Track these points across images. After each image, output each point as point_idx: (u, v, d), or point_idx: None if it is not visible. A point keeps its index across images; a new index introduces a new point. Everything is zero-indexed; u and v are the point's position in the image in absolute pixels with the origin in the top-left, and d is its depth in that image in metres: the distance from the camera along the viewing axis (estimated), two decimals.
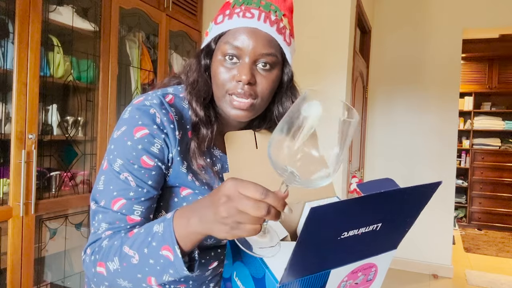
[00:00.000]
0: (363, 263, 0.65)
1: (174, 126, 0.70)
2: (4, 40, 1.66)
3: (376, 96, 3.82)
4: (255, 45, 0.70)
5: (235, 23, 0.71)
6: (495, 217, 5.39)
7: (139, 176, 0.68)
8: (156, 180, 0.70)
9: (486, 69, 5.46)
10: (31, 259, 1.75)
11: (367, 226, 0.58)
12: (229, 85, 0.71)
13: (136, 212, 0.68)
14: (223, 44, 0.71)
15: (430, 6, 3.64)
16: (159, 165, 0.70)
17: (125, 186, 0.67)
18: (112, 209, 0.67)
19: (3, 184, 1.68)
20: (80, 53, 2.05)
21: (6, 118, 1.70)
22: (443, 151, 3.62)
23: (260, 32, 0.70)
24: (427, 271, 3.63)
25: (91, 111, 2.10)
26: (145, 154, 0.68)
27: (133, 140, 0.68)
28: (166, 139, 0.70)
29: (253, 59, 0.70)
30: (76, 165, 2.08)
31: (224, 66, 0.71)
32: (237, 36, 0.70)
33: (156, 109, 0.70)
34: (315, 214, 0.50)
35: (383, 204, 0.57)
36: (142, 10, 2.34)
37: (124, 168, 0.68)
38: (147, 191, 0.68)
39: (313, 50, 2.70)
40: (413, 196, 0.61)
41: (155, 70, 2.52)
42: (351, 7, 2.65)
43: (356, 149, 3.31)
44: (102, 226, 0.67)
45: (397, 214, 0.61)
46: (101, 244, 0.66)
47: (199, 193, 0.74)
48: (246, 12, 0.70)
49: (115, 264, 0.63)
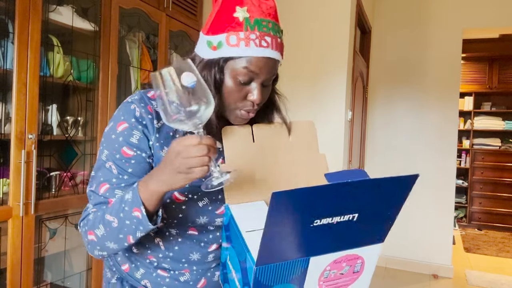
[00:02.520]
0: (346, 253, 0.68)
1: (153, 116, 0.80)
2: (4, 40, 1.66)
3: (376, 96, 3.81)
4: (269, 70, 0.79)
5: (253, 51, 0.76)
6: (495, 217, 5.39)
7: (120, 165, 0.79)
8: (137, 168, 0.79)
9: (486, 69, 5.45)
10: (31, 259, 1.75)
11: (341, 215, 0.60)
12: (241, 103, 0.80)
13: (117, 196, 0.78)
14: (240, 68, 0.77)
15: (430, 6, 3.63)
16: (139, 154, 0.79)
17: (109, 173, 0.79)
18: (98, 193, 0.79)
19: (3, 184, 1.68)
20: (80, 53, 2.05)
21: (6, 118, 1.70)
22: (443, 151, 3.62)
23: (273, 59, 0.79)
24: (427, 271, 3.63)
25: (91, 111, 2.10)
26: (125, 145, 0.79)
27: (116, 134, 0.79)
28: (145, 129, 0.79)
29: (264, 81, 0.80)
30: (76, 165, 2.08)
31: (238, 85, 0.79)
32: (255, 63, 0.77)
33: (135, 104, 0.80)
34: (277, 198, 0.53)
35: (355, 194, 0.59)
36: (142, 10, 2.34)
37: (109, 158, 0.79)
38: (127, 178, 0.79)
39: (313, 50, 2.70)
40: (388, 188, 0.62)
41: (155, 70, 2.51)
42: (351, 7, 2.65)
43: (356, 149, 3.31)
44: (90, 207, 0.80)
45: (374, 205, 0.63)
46: (89, 217, 0.79)
47: None
48: (261, 41, 0.77)
49: (101, 230, 0.76)
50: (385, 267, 3.74)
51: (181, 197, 0.81)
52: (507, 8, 3.44)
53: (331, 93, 2.67)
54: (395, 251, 3.74)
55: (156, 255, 0.85)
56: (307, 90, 2.69)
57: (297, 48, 2.73)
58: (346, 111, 2.71)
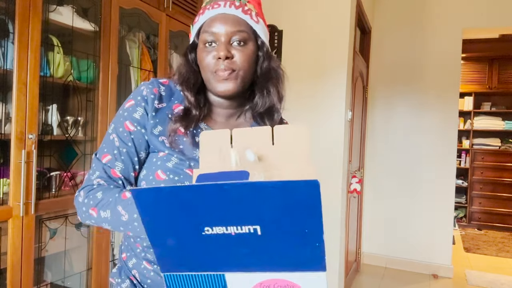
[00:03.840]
0: (273, 277, 0.60)
1: (155, 96, 0.87)
2: (4, 40, 1.66)
3: (376, 96, 3.82)
4: (226, 26, 0.83)
5: (206, 15, 0.86)
6: (495, 217, 5.39)
7: (122, 138, 0.86)
8: (136, 143, 0.86)
9: (486, 69, 5.46)
10: (31, 259, 1.75)
11: (236, 225, 0.55)
12: (212, 64, 0.84)
13: (117, 167, 0.85)
14: (202, 34, 0.86)
15: (430, 6, 3.64)
16: (139, 130, 0.86)
17: (112, 144, 0.87)
18: (102, 161, 0.86)
19: (3, 184, 1.68)
20: (80, 53, 2.05)
21: (6, 118, 1.70)
22: (443, 151, 3.62)
23: (228, 15, 0.84)
24: (427, 271, 3.63)
25: (91, 111, 2.10)
26: (129, 119, 0.87)
27: (123, 109, 0.89)
28: (146, 106, 0.87)
29: (227, 38, 0.83)
30: (76, 165, 2.08)
31: (206, 52, 0.85)
32: (210, 23, 0.84)
33: (145, 86, 0.89)
34: (139, 197, 0.51)
35: (239, 200, 0.53)
36: (142, 10, 2.34)
37: (113, 130, 0.88)
38: (126, 151, 0.86)
39: (313, 50, 2.70)
40: (281, 197, 0.54)
41: (155, 70, 2.52)
42: (351, 7, 2.65)
43: (356, 149, 3.31)
44: (95, 173, 0.86)
45: (276, 217, 0.55)
46: (95, 194, 0.82)
47: (170, 154, 0.85)
48: (214, 5, 0.85)
49: (106, 214, 0.80)
50: (385, 267, 3.74)
51: (163, 175, 0.84)
52: (507, 8, 3.44)
53: (331, 93, 2.67)
54: (395, 251, 3.74)
55: (141, 243, 0.88)
56: (307, 90, 2.69)
57: (297, 48, 2.73)
58: (346, 111, 2.71)
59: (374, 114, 3.84)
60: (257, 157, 0.72)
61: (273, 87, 0.91)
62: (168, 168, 0.84)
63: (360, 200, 3.69)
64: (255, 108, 0.92)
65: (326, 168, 2.67)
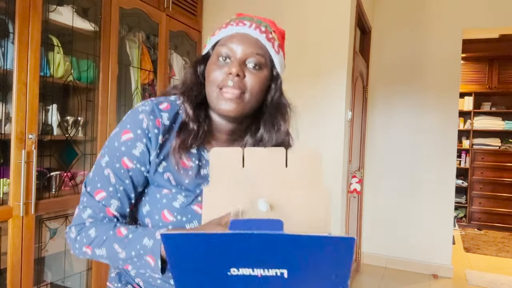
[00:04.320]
0: None
1: (159, 131, 0.79)
2: (4, 40, 1.66)
3: (376, 96, 3.82)
4: (246, 46, 0.79)
5: (228, 31, 0.82)
6: (495, 217, 5.39)
7: (118, 175, 0.79)
8: (134, 181, 0.80)
9: (486, 69, 5.45)
10: (31, 259, 1.75)
11: (263, 268, 0.55)
12: (220, 79, 0.79)
13: (112, 205, 0.79)
14: (218, 47, 0.82)
15: (430, 6, 3.64)
16: (139, 167, 0.80)
17: (107, 181, 0.79)
18: (95, 198, 0.79)
19: (3, 184, 1.68)
20: (80, 53, 2.05)
21: (6, 118, 1.70)
22: (443, 151, 3.62)
23: (251, 37, 0.80)
24: (427, 271, 3.63)
25: (91, 111, 2.10)
26: (127, 156, 0.79)
27: (119, 142, 0.79)
28: (148, 143, 0.79)
29: (243, 58, 0.79)
30: (76, 165, 2.08)
31: (217, 65, 0.80)
32: (230, 39, 0.80)
33: (145, 115, 0.79)
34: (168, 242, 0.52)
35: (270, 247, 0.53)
36: (142, 10, 2.34)
37: (108, 165, 0.80)
38: (123, 189, 0.79)
39: (313, 50, 2.70)
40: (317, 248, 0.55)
41: (155, 70, 2.52)
42: (351, 7, 2.65)
43: (356, 149, 3.31)
44: (87, 211, 0.80)
45: (305, 263, 0.56)
46: (88, 232, 0.78)
47: (176, 192, 0.81)
48: (239, 23, 0.82)
49: (102, 252, 0.77)
50: (385, 267, 3.74)
51: (170, 217, 0.80)
52: (507, 8, 3.44)
53: (331, 93, 2.67)
54: (395, 251, 3.74)
55: None
56: (307, 90, 2.69)
57: (297, 48, 2.73)
58: (346, 111, 2.71)
59: (374, 114, 3.84)
60: (269, 207, 0.71)
61: (283, 122, 0.86)
62: (175, 209, 0.79)
63: (360, 200, 3.69)
64: (262, 143, 0.86)
65: (326, 168, 2.67)
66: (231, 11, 3.26)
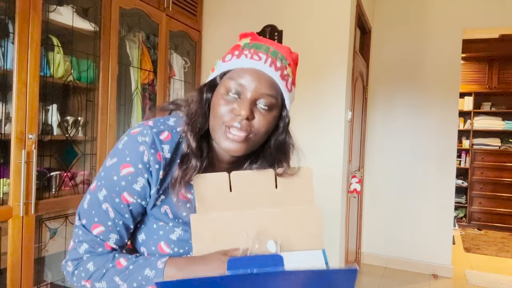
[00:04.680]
0: None
1: (160, 166, 0.75)
2: (4, 40, 1.66)
3: (376, 96, 3.81)
4: (258, 85, 0.74)
5: (242, 62, 0.75)
6: (495, 217, 5.39)
7: (118, 209, 0.76)
8: (133, 214, 0.78)
9: (486, 69, 5.45)
10: (31, 259, 1.75)
11: None
12: (227, 117, 0.75)
13: (111, 239, 0.77)
14: (228, 80, 0.76)
15: (430, 6, 3.63)
16: (139, 202, 0.77)
17: (105, 215, 0.76)
18: (92, 232, 0.76)
19: (3, 184, 1.68)
20: (80, 53, 2.05)
21: (6, 118, 1.70)
22: (443, 151, 3.62)
23: (265, 74, 0.75)
24: (427, 271, 3.63)
25: (91, 111, 2.10)
26: (127, 191, 0.75)
27: (119, 176, 0.75)
28: (150, 178, 0.76)
29: (254, 97, 0.74)
30: (76, 165, 2.08)
31: (225, 100, 0.75)
32: (242, 74, 0.74)
33: (146, 148, 0.75)
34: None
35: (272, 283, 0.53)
36: (142, 10, 2.34)
37: (106, 199, 0.76)
38: (123, 222, 0.77)
39: (313, 50, 2.70)
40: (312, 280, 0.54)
41: (155, 70, 2.52)
42: (351, 7, 2.65)
43: (356, 149, 3.31)
44: (84, 246, 0.76)
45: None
46: (86, 266, 0.75)
47: (174, 226, 0.79)
48: (254, 55, 0.75)
49: (102, 285, 0.75)
50: (385, 267, 3.74)
51: (167, 249, 0.79)
52: (507, 8, 3.44)
53: (331, 93, 2.67)
54: (395, 251, 3.74)
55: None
56: (307, 90, 2.69)
57: (297, 48, 2.73)
58: (346, 111, 2.71)
59: (374, 114, 3.84)
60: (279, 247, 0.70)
61: (286, 163, 0.83)
62: (173, 241, 0.78)
63: (360, 200, 3.69)
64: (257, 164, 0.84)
65: (326, 168, 2.67)
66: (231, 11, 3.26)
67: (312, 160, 2.80)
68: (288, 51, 0.80)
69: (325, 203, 2.73)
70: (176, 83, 2.76)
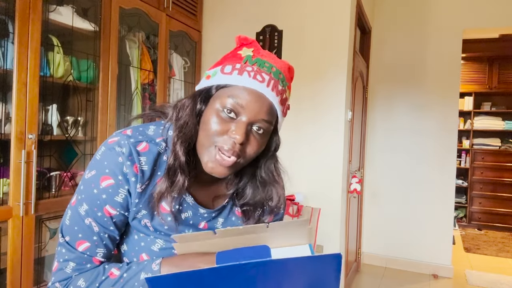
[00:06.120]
0: None
1: (136, 179, 0.72)
2: (4, 40, 1.66)
3: (376, 96, 3.81)
4: (258, 109, 0.71)
5: (245, 81, 0.71)
6: (495, 217, 5.39)
7: (101, 223, 0.73)
8: (118, 225, 0.75)
9: (486, 69, 5.45)
10: (31, 259, 1.75)
11: None
12: (219, 138, 0.71)
13: (99, 254, 0.74)
14: (226, 96, 0.71)
15: (430, 6, 3.63)
16: (122, 213, 0.74)
17: (89, 230, 0.73)
18: (77, 249, 0.73)
19: (3, 184, 1.68)
20: (80, 53, 2.05)
21: (6, 118, 1.70)
22: (443, 151, 3.62)
23: (266, 99, 0.72)
24: (427, 271, 3.63)
25: (91, 111, 2.10)
26: (109, 203, 0.72)
27: (99, 189, 0.72)
28: (130, 188, 0.72)
29: (252, 120, 0.71)
30: (76, 165, 2.08)
31: (219, 117, 0.71)
32: (243, 94, 0.70)
33: (123, 158, 0.71)
34: (156, 285, 0.51)
35: (262, 274, 0.53)
36: (142, 10, 2.34)
37: (88, 214, 0.72)
38: (108, 235, 0.74)
39: (313, 50, 2.70)
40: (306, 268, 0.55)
41: (155, 70, 2.52)
42: (351, 7, 2.65)
43: (356, 149, 3.31)
44: (71, 265, 0.73)
45: (297, 285, 0.57)
46: (76, 284, 0.72)
47: (154, 238, 0.76)
48: (257, 75, 0.71)
49: None
50: (385, 267, 3.74)
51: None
52: (507, 8, 3.44)
53: (331, 93, 2.67)
54: (395, 251, 3.74)
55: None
56: (307, 90, 2.69)
57: (297, 48, 2.73)
58: (346, 111, 2.71)
59: (374, 114, 3.84)
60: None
61: (273, 190, 0.82)
62: (154, 252, 0.76)
63: (360, 200, 3.69)
64: (243, 197, 0.83)
65: (326, 168, 2.67)
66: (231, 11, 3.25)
67: (312, 160, 2.80)
68: (287, 69, 0.78)
69: (325, 203, 2.73)
70: (176, 83, 2.76)
